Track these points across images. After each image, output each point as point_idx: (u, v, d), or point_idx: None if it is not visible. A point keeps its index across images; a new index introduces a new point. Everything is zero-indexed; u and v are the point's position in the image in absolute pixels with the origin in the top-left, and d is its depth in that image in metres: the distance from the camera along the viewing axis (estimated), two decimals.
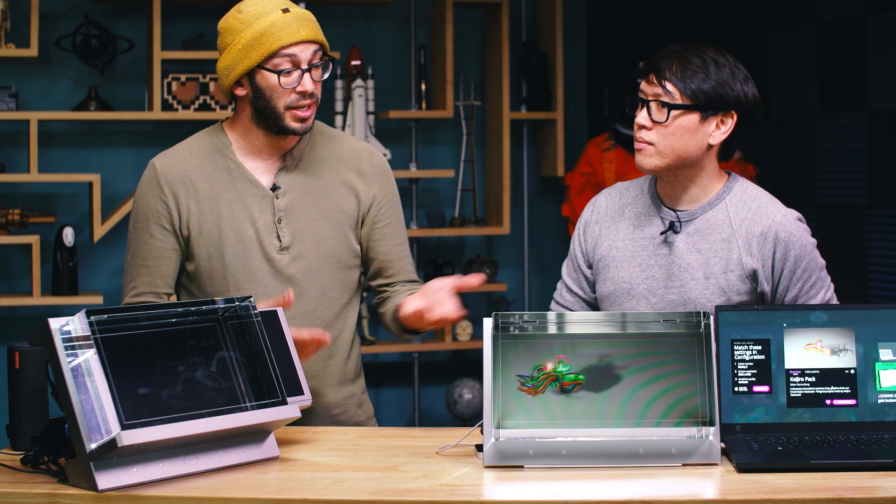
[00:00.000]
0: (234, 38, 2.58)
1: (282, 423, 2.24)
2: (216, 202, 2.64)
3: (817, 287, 2.55)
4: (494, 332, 2.22)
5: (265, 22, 2.56)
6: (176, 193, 2.64)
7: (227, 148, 2.67)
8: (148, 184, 2.66)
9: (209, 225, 2.63)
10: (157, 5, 5.01)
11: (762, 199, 2.59)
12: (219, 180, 2.65)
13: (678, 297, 2.56)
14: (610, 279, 2.63)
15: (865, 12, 4.35)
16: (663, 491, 2.04)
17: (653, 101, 2.53)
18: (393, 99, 5.63)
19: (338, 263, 2.69)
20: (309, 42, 2.59)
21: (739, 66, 2.55)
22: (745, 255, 2.54)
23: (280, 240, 2.64)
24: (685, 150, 2.53)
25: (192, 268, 2.66)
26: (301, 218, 2.66)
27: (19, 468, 2.18)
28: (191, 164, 2.66)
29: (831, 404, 2.33)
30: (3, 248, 5.18)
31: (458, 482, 2.09)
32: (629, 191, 2.70)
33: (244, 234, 2.63)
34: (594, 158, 5.36)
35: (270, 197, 2.65)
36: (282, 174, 2.67)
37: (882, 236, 4.29)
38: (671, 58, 2.54)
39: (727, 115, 2.53)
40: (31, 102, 5.19)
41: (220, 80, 2.65)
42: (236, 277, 2.63)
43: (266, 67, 2.57)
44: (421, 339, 5.61)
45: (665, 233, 2.59)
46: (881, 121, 4.30)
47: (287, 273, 2.64)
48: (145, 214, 2.65)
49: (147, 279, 2.64)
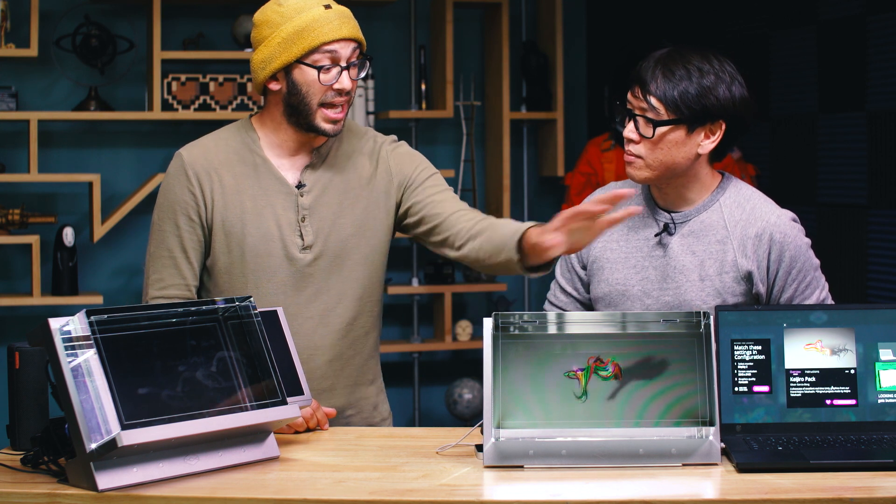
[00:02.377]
0: (274, 32, 2.56)
1: (282, 423, 2.24)
2: (241, 197, 2.61)
3: (812, 287, 2.55)
4: (494, 332, 2.22)
5: (307, 17, 2.54)
6: (202, 184, 2.60)
7: (255, 143, 2.65)
8: (175, 174, 2.63)
9: (232, 219, 2.60)
10: (157, 5, 5.01)
11: (756, 199, 2.59)
12: (245, 175, 2.62)
13: (673, 298, 2.56)
14: (604, 281, 2.63)
15: (865, 12, 4.35)
16: (663, 491, 2.04)
17: (639, 115, 2.52)
18: (393, 99, 5.64)
19: (361, 262, 2.65)
20: (349, 40, 2.57)
21: (725, 66, 2.52)
22: (740, 256, 2.54)
23: (303, 238, 2.61)
24: (674, 162, 2.52)
25: (209, 262, 2.63)
26: (325, 216, 2.63)
27: (19, 468, 2.18)
28: (217, 157, 2.63)
29: (831, 404, 2.33)
30: (3, 248, 5.18)
31: (458, 482, 2.09)
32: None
33: (267, 232, 2.60)
34: (594, 158, 5.36)
35: (295, 194, 2.62)
36: (308, 172, 2.64)
37: (882, 236, 4.29)
38: (655, 69, 2.51)
39: (715, 124, 2.52)
40: (31, 102, 5.19)
41: (254, 74, 2.61)
42: (256, 275, 2.60)
43: (305, 62, 2.55)
44: (421, 339, 5.62)
45: (659, 234, 2.59)
46: (881, 121, 4.30)
47: (307, 273, 2.61)
48: (172, 205, 2.62)
49: (174, 271, 2.60)
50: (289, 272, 2.61)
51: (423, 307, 5.71)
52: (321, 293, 2.62)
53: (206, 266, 2.64)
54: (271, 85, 2.60)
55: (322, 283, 2.62)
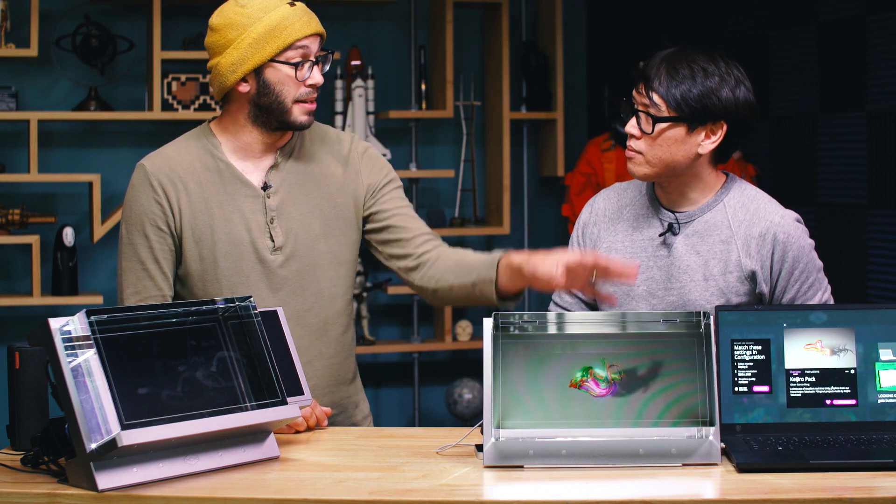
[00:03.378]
0: (241, 34, 2.55)
1: (282, 423, 2.24)
2: (208, 204, 2.60)
3: (815, 288, 2.55)
4: (494, 332, 2.22)
5: (276, 15, 2.54)
6: (168, 194, 2.59)
7: (217, 148, 2.64)
8: (139, 185, 2.61)
9: (201, 227, 2.59)
10: (157, 5, 5.01)
11: (760, 200, 2.59)
12: (209, 181, 2.61)
13: (677, 298, 2.56)
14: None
15: (865, 12, 4.35)
16: (663, 491, 2.04)
17: (641, 111, 2.53)
18: (393, 99, 5.64)
19: (333, 261, 2.66)
20: (316, 35, 2.60)
21: (732, 69, 2.52)
22: (744, 256, 2.54)
23: (273, 240, 2.61)
24: (673, 160, 2.53)
25: (181, 271, 2.62)
26: (293, 216, 2.63)
27: (19, 468, 2.18)
28: (181, 165, 2.62)
29: (831, 404, 2.33)
30: (3, 248, 5.18)
31: (458, 482, 2.09)
32: (627, 192, 2.70)
33: (237, 237, 2.59)
34: (594, 158, 5.36)
35: (262, 196, 2.62)
36: (272, 172, 2.64)
37: (882, 236, 4.29)
38: (660, 66, 2.52)
39: (716, 125, 2.52)
40: (31, 102, 5.19)
41: (221, 78, 2.59)
42: (229, 280, 2.59)
43: (279, 60, 2.56)
44: (421, 339, 5.62)
45: (664, 234, 2.59)
46: (881, 121, 4.30)
47: (280, 274, 2.61)
48: (139, 217, 2.60)
49: (149, 283, 2.59)
50: (261, 275, 2.61)
51: (423, 307, 5.71)
52: (296, 294, 2.62)
53: (178, 275, 2.64)
54: (241, 87, 2.59)
55: (296, 283, 2.62)
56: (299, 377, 2.38)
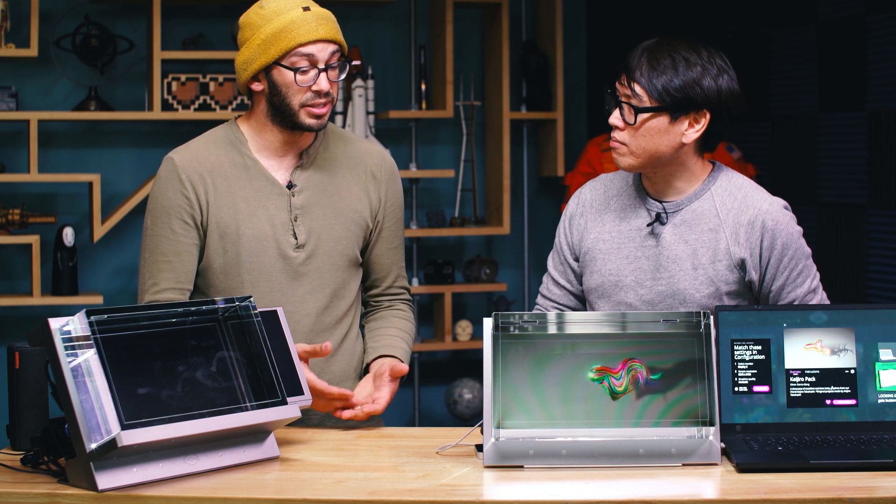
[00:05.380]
0: (254, 34, 2.60)
1: (282, 423, 2.24)
2: (234, 199, 2.63)
3: (804, 275, 2.55)
4: (494, 332, 2.22)
5: (284, 19, 2.57)
6: (196, 187, 2.62)
7: (243, 144, 2.67)
8: (167, 178, 2.64)
9: (227, 221, 2.62)
10: (157, 5, 5.01)
11: (748, 188, 2.59)
12: (236, 176, 2.65)
13: (666, 287, 2.56)
14: (597, 272, 2.63)
15: (865, 12, 4.36)
16: (663, 491, 2.04)
17: (624, 102, 2.53)
18: (393, 99, 5.64)
19: (349, 262, 2.71)
20: (327, 42, 2.59)
21: (714, 58, 2.52)
22: (733, 244, 2.54)
23: (296, 237, 2.64)
24: (657, 150, 2.53)
25: (204, 264, 2.65)
26: (316, 216, 2.67)
27: (19, 468, 2.18)
28: (208, 160, 2.65)
29: (831, 404, 2.33)
30: (3, 248, 5.18)
31: (458, 482, 2.09)
32: (614, 182, 2.70)
33: (261, 232, 2.63)
34: (594, 158, 5.36)
35: (287, 194, 2.65)
36: (297, 172, 2.67)
37: (882, 236, 4.29)
38: (641, 57, 2.53)
39: (699, 114, 2.52)
40: (31, 102, 5.19)
41: (237, 75, 2.66)
42: (251, 274, 2.62)
43: (283, 64, 2.58)
44: (421, 338, 5.62)
45: (651, 224, 2.59)
46: (881, 121, 4.30)
47: (301, 271, 2.65)
48: (166, 209, 2.62)
49: (170, 275, 2.61)
50: (283, 271, 2.64)
51: (423, 307, 5.71)
52: (316, 291, 2.66)
53: (199, 268, 2.66)
54: (254, 86, 2.65)
55: (316, 280, 2.66)
56: (299, 377, 2.38)
